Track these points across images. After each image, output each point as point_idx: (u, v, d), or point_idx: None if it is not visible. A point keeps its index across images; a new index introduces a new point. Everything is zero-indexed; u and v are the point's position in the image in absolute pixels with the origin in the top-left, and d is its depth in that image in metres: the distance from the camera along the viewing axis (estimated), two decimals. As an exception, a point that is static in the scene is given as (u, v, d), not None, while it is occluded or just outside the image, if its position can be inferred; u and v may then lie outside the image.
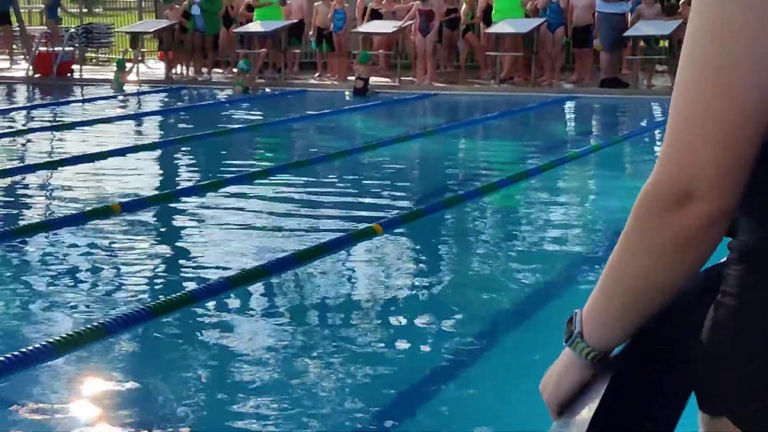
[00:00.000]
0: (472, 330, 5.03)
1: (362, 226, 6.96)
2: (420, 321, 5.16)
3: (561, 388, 1.33)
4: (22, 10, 22.12)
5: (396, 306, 5.39)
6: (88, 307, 5.32)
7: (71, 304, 5.40)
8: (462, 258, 6.62)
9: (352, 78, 16.93)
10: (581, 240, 6.99)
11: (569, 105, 15.51)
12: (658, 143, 12.34)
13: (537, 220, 7.64)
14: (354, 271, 6.17)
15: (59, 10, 20.89)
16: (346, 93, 16.29)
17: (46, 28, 20.43)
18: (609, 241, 6.83)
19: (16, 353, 4.25)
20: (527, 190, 8.80)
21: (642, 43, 16.48)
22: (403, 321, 5.15)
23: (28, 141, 12.08)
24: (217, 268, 6.08)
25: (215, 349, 4.77)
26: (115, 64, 17.95)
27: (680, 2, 16.57)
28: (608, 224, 7.40)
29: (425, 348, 4.75)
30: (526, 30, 16.65)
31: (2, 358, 4.20)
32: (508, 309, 5.41)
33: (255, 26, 18.56)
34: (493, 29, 17.02)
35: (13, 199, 8.62)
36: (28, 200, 8.62)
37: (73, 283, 5.77)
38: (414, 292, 5.69)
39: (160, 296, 5.38)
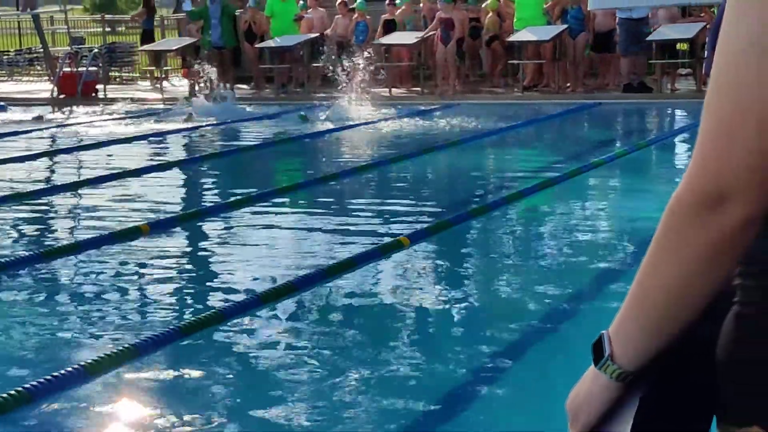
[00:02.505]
0: (499, 342, 5.00)
1: (389, 239, 6.96)
2: (447, 334, 5.15)
3: (592, 410, 1.29)
4: (45, 31, 22.23)
5: (424, 319, 5.38)
6: (118, 328, 5.33)
7: (101, 326, 5.41)
8: (489, 269, 6.60)
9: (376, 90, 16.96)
10: (608, 248, 6.95)
11: (594, 111, 15.46)
12: (684, 147, 12.28)
13: (564, 228, 7.60)
14: (382, 284, 6.16)
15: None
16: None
17: (69, 48, 20.55)
18: (637, 249, 6.79)
19: (47, 378, 4.27)
20: (553, 198, 8.77)
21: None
22: (431, 334, 5.14)
23: (54, 162, 12.15)
24: (246, 285, 6.09)
25: (245, 366, 4.78)
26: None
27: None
28: (636, 231, 7.36)
29: (452, 361, 4.72)
30: (548, 37, 16.63)
31: (34, 383, 4.21)
32: (535, 320, 5.38)
33: (275, 42, 18.59)
34: (515, 37, 17.00)
35: (41, 220, 8.65)
36: (56, 222, 8.66)
37: (102, 305, 5.79)
38: (442, 304, 5.68)
39: (190, 316, 5.39)
